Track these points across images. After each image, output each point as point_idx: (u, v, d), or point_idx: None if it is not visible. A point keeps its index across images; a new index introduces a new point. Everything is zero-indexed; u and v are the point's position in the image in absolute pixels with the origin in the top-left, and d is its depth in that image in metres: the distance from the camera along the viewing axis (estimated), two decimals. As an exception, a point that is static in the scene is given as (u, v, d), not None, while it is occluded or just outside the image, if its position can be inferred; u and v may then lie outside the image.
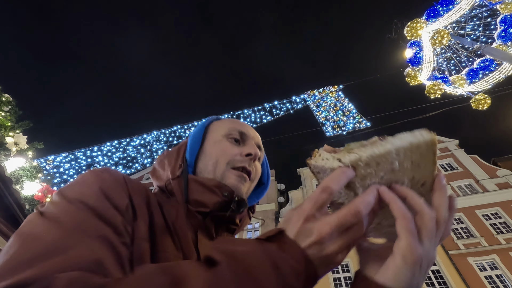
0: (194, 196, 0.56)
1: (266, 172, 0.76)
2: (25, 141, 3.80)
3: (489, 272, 11.53)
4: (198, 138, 0.67)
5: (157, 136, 9.37)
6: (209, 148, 0.64)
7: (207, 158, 0.63)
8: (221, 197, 0.55)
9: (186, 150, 0.65)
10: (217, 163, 0.61)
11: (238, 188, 0.58)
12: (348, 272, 12.95)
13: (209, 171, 0.61)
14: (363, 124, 8.61)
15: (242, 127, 0.69)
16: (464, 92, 9.42)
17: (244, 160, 0.62)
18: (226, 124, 0.70)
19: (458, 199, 14.59)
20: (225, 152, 0.62)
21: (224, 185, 0.57)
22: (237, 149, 0.63)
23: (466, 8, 8.49)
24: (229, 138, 0.65)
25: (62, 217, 0.35)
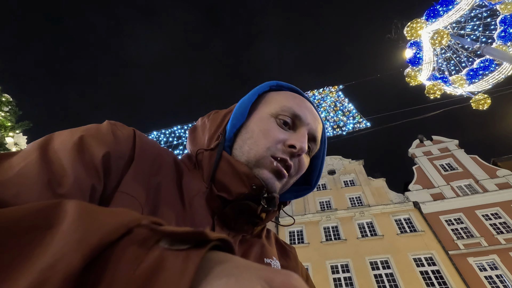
0: (221, 178, 0.49)
1: (317, 171, 0.63)
2: (25, 141, 3.80)
3: (489, 272, 11.53)
4: (245, 108, 0.55)
5: (157, 136, 9.37)
6: (252, 124, 0.54)
7: (247, 135, 0.53)
8: (248, 188, 0.48)
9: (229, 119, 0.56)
10: (255, 145, 0.51)
11: (271, 184, 0.49)
12: (348, 272, 12.95)
13: (244, 152, 0.51)
14: (363, 124, 8.61)
15: (298, 108, 0.55)
16: (464, 92, 9.42)
17: (286, 151, 0.51)
18: (282, 99, 0.56)
19: (458, 199, 14.60)
20: (267, 135, 0.51)
21: (255, 177, 0.48)
22: (282, 135, 0.52)
23: (466, 8, 8.49)
24: (278, 118, 0.54)
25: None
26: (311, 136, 0.55)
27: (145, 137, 0.49)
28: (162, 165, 0.47)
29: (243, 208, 0.48)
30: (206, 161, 0.52)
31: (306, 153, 0.56)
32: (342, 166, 19.41)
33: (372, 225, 14.94)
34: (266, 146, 0.50)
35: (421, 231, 13.64)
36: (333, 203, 16.79)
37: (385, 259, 12.99)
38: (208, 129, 0.57)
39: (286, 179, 0.51)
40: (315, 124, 0.56)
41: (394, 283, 12.04)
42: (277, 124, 0.53)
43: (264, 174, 0.49)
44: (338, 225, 15.34)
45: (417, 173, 17.19)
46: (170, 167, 0.48)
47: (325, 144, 0.63)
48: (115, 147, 0.41)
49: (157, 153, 0.48)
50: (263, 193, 0.49)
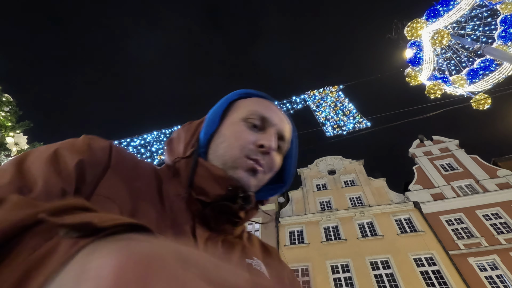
0: (199, 182, 0.52)
1: (290, 169, 0.66)
2: (25, 141, 3.81)
3: (489, 272, 11.53)
4: (216, 115, 0.60)
5: (157, 136, 9.37)
6: (224, 129, 0.58)
7: (220, 140, 0.57)
8: (225, 190, 0.51)
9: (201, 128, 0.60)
10: (229, 148, 0.55)
11: (247, 181, 0.53)
12: (348, 272, 12.95)
13: (219, 155, 0.55)
14: (363, 124, 8.60)
15: (265, 111, 0.59)
16: (464, 92, 9.42)
17: (257, 151, 0.54)
18: (250, 104, 0.61)
19: (458, 199, 14.60)
20: (239, 137, 0.55)
21: (230, 178, 0.52)
22: (252, 137, 0.56)
23: (466, 8, 8.48)
24: (247, 122, 0.58)
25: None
26: (280, 135, 0.59)
27: (122, 149, 0.53)
28: (140, 173, 0.50)
29: (221, 208, 0.51)
30: (183, 168, 0.55)
31: (278, 152, 0.59)
32: (342, 166, 19.41)
33: (372, 225, 14.94)
34: (239, 148, 0.54)
35: (422, 231, 13.63)
36: (333, 203, 16.79)
37: (385, 259, 12.99)
38: (183, 139, 0.60)
39: (260, 175, 0.55)
40: (282, 124, 0.60)
41: (394, 283, 12.04)
42: (247, 127, 0.57)
43: (240, 174, 0.53)
44: (338, 225, 15.34)
45: (417, 173, 17.19)
46: (148, 175, 0.52)
47: (295, 143, 0.67)
48: (90, 156, 0.44)
49: (135, 163, 0.52)
50: (239, 192, 0.52)
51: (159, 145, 9.21)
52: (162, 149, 9.22)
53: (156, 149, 9.13)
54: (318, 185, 18.57)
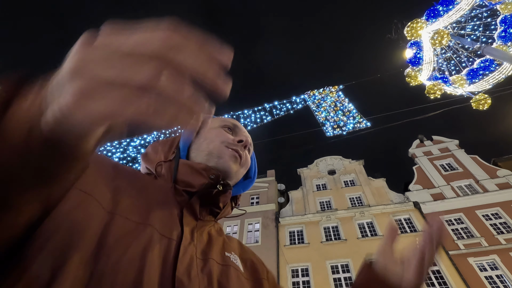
0: (182, 177, 0.59)
1: (253, 167, 0.79)
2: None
3: (489, 272, 11.53)
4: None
5: (157, 137, 9.37)
6: (204, 133, 0.69)
7: (201, 140, 0.67)
8: (207, 179, 0.59)
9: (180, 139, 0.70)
10: (212, 141, 0.66)
11: (229, 166, 0.63)
12: (348, 272, 12.94)
13: (203, 149, 0.65)
14: (363, 124, 8.61)
15: (234, 121, 0.75)
16: (464, 92, 9.42)
17: (236, 144, 0.66)
18: (220, 118, 0.75)
19: (458, 199, 14.60)
20: (220, 135, 0.67)
21: (211, 168, 0.60)
22: (230, 135, 0.69)
23: (466, 8, 8.48)
24: (223, 127, 0.71)
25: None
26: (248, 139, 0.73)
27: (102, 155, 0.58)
28: (119, 172, 0.53)
29: (205, 195, 0.58)
30: (166, 170, 0.62)
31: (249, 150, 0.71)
32: (342, 166, 19.41)
33: (372, 225, 14.94)
34: (221, 141, 0.65)
35: (422, 231, 13.61)
36: (333, 203, 16.79)
37: (385, 259, 12.98)
38: (161, 149, 0.67)
39: (239, 165, 0.65)
40: (246, 132, 0.75)
41: (394, 283, 12.04)
42: (224, 130, 0.69)
43: (226, 160, 0.63)
44: (338, 225, 15.34)
45: (417, 173, 17.19)
46: (128, 175, 0.55)
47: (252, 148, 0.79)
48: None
49: (114, 164, 0.56)
50: (220, 181, 0.60)
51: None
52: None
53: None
54: (318, 185, 18.57)
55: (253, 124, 9.66)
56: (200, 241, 0.54)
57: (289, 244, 14.99)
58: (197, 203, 0.57)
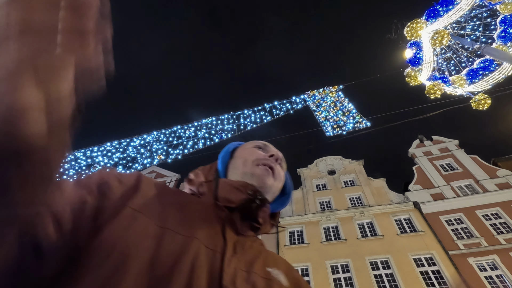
0: (223, 194, 0.63)
1: (288, 183, 0.83)
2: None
3: (489, 272, 11.53)
4: (227, 153, 0.80)
5: (157, 137, 9.38)
6: (238, 154, 0.77)
7: (236, 160, 0.75)
8: (246, 194, 0.62)
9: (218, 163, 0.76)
10: (246, 161, 0.72)
11: (264, 179, 0.68)
12: (348, 273, 12.95)
13: (238, 168, 0.71)
14: (363, 124, 8.61)
15: (264, 142, 0.83)
16: (464, 92, 9.42)
17: (268, 159, 0.73)
18: (252, 142, 0.83)
19: (458, 199, 14.60)
20: (252, 154, 0.74)
21: (249, 184, 0.64)
22: (262, 152, 0.76)
23: (466, 8, 8.49)
24: (255, 147, 0.79)
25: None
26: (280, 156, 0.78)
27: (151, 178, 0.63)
28: (168, 193, 0.59)
29: (245, 210, 0.62)
30: (207, 189, 0.66)
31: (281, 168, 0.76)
32: (342, 166, 19.42)
33: (372, 225, 14.95)
34: (253, 159, 0.72)
35: (421, 231, 13.64)
36: (333, 203, 16.79)
37: (385, 259, 12.99)
38: (202, 173, 0.73)
39: (272, 178, 0.70)
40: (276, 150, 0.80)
41: (394, 283, 12.04)
42: (255, 150, 0.77)
43: (259, 175, 0.68)
44: (338, 225, 15.35)
45: (417, 173, 17.19)
46: (174, 193, 0.61)
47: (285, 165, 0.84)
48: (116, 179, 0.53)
49: (163, 187, 0.61)
50: (257, 196, 0.63)
51: (159, 145, 9.21)
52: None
53: (155, 149, 9.13)
54: (318, 185, 18.57)
55: (253, 124, 9.67)
56: (242, 254, 0.56)
57: (289, 244, 14.99)
58: (237, 218, 0.61)
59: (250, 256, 0.58)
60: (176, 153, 8.90)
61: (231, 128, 9.55)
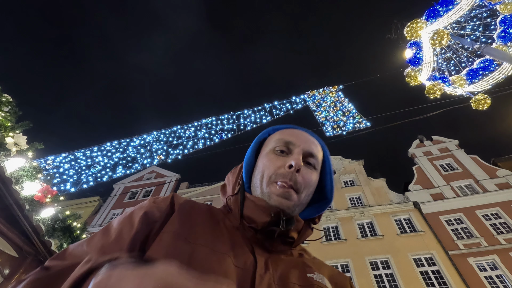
0: (248, 213, 0.61)
1: (329, 186, 0.70)
2: (25, 141, 3.80)
3: (489, 272, 11.53)
4: (252, 154, 0.71)
5: (157, 137, 9.37)
6: (259, 162, 0.67)
7: (256, 172, 0.66)
8: (269, 217, 0.58)
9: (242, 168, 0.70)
10: (263, 178, 0.63)
11: (282, 204, 0.59)
12: (348, 273, 12.94)
13: (257, 186, 0.64)
14: (363, 124, 8.60)
15: (289, 135, 0.68)
16: (464, 92, 9.42)
17: (287, 172, 0.61)
18: (276, 136, 0.70)
19: (458, 199, 14.60)
20: (269, 166, 0.64)
21: (271, 206, 0.59)
22: (281, 161, 0.64)
23: (466, 8, 8.48)
24: (275, 151, 0.67)
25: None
26: (307, 153, 0.66)
27: (182, 198, 0.65)
28: (198, 213, 0.61)
29: (269, 233, 0.59)
30: (234, 204, 0.65)
31: (311, 168, 0.66)
32: (342, 166, 19.41)
33: (372, 225, 14.94)
34: (269, 175, 0.62)
35: (421, 231, 13.64)
36: (333, 203, 16.79)
37: (385, 259, 12.99)
38: (231, 181, 0.70)
39: (295, 195, 0.61)
40: (308, 143, 0.67)
41: (394, 283, 12.04)
42: (276, 155, 0.66)
43: (274, 199, 0.60)
44: (338, 225, 15.34)
45: (417, 173, 17.19)
46: (205, 214, 0.62)
47: (328, 161, 0.72)
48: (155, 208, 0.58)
49: (192, 205, 0.63)
50: (282, 217, 0.58)
51: (159, 145, 9.20)
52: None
53: (155, 149, 9.12)
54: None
55: (253, 124, 9.67)
56: (276, 269, 0.55)
57: (289, 244, 14.99)
58: (264, 239, 0.59)
59: (286, 269, 0.57)
60: (176, 153, 8.90)
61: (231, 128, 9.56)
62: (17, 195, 3.51)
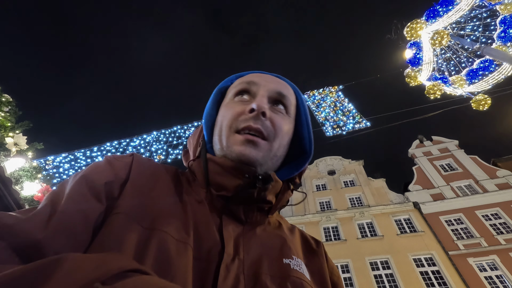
0: (215, 179, 0.50)
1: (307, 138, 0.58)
2: (25, 141, 3.81)
3: (489, 272, 11.53)
4: (212, 107, 0.58)
5: (157, 137, 9.37)
6: (219, 116, 0.56)
7: (217, 128, 0.54)
8: (242, 179, 0.48)
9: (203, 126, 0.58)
10: (221, 130, 0.52)
11: (249, 155, 0.48)
12: (348, 273, 12.94)
13: (217, 142, 0.53)
14: (363, 124, 8.60)
15: (251, 76, 0.57)
16: (464, 93, 9.42)
17: (248, 118, 0.50)
18: (237, 82, 0.58)
19: (458, 200, 14.60)
20: (227, 114, 0.53)
21: (243, 165, 0.48)
22: (241, 107, 0.52)
23: (465, 8, 8.49)
24: (236, 96, 0.55)
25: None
26: (274, 94, 0.54)
27: (142, 159, 0.53)
28: (159, 180, 0.49)
29: (245, 198, 0.49)
30: (197, 169, 0.53)
31: (282, 113, 0.55)
32: (342, 166, 19.41)
33: (372, 225, 14.94)
34: (229, 125, 0.51)
35: (421, 231, 13.63)
36: (333, 204, 16.79)
37: (385, 260, 12.99)
38: (192, 143, 0.60)
39: (264, 144, 0.50)
40: (274, 83, 0.56)
41: (394, 283, 12.04)
42: (235, 102, 0.54)
43: (236, 150, 0.49)
44: (338, 226, 15.34)
45: (417, 173, 17.19)
46: (167, 182, 0.51)
47: (304, 108, 0.60)
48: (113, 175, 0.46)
49: (153, 171, 0.51)
50: (257, 175, 0.48)
51: (159, 145, 9.20)
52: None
53: (155, 149, 9.12)
54: (317, 185, 18.57)
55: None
56: (248, 252, 0.45)
57: (289, 244, 14.98)
58: (239, 207, 0.49)
59: (260, 252, 0.47)
60: (176, 153, 8.90)
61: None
62: (17, 195, 3.51)
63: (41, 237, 0.33)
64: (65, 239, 0.35)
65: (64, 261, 0.24)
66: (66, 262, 0.24)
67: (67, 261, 0.24)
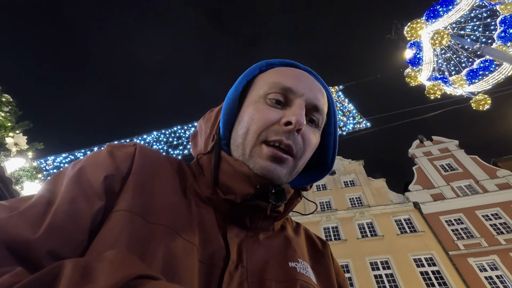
0: (224, 180, 0.46)
1: (331, 149, 0.54)
2: (25, 141, 3.81)
3: (489, 272, 11.53)
4: (233, 100, 0.50)
5: (157, 137, 9.37)
6: (242, 113, 0.49)
7: (239, 127, 0.48)
8: (253, 188, 0.44)
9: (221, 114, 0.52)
10: (246, 135, 0.46)
11: (272, 172, 0.44)
12: (348, 273, 12.94)
13: (238, 145, 0.47)
14: (363, 124, 8.60)
15: (288, 80, 0.49)
16: (464, 93, 9.42)
17: (281, 131, 0.44)
18: (269, 77, 0.50)
19: (458, 200, 14.60)
20: (258, 119, 0.46)
21: (256, 175, 0.44)
22: (275, 114, 0.46)
23: (466, 8, 8.48)
24: (267, 98, 0.48)
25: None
26: (311, 106, 0.48)
27: (146, 150, 0.49)
28: (162, 173, 0.46)
29: (253, 208, 0.46)
30: (206, 165, 0.49)
31: (313, 126, 0.50)
32: (342, 166, 19.41)
33: (372, 225, 14.94)
34: (257, 132, 0.45)
35: (421, 231, 13.63)
36: (333, 204, 16.78)
37: (385, 260, 12.99)
38: (204, 131, 0.54)
39: (291, 161, 0.45)
40: (313, 92, 0.49)
41: (394, 283, 12.04)
42: (267, 105, 0.47)
43: (260, 164, 0.44)
44: (338, 226, 15.34)
45: (417, 173, 17.19)
46: (172, 176, 0.47)
47: (335, 117, 0.55)
48: (114, 168, 0.43)
49: (157, 163, 0.48)
50: (271, 189, 0.45)
51: (159, 145, 9.21)
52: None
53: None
54: (317, 185, 18.56)
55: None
56: (251, 258, 0.43)
57: (289, 244, 14.98)
58: (245, 214, 0.46)
59: (264, 257, 0.45)
60: (176, 153, 8.90)
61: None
62: (17, 195, 3.50)
63: (34, 237, 0.31)
64: (60, 238, 0.33)
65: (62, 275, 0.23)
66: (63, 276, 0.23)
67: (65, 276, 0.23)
